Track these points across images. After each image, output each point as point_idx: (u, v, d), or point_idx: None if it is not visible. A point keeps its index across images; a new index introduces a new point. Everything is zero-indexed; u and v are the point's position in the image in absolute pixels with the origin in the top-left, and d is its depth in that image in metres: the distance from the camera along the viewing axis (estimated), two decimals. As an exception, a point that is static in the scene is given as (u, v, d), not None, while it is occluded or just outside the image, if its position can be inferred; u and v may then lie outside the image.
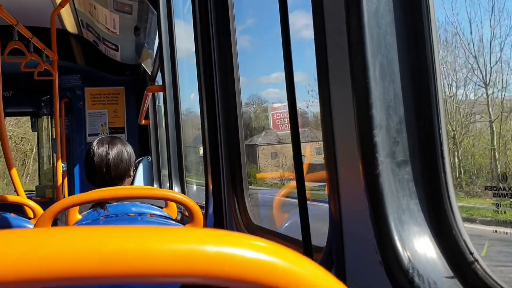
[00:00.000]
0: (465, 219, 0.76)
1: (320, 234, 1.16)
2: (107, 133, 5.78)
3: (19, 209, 2.97)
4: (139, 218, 1.92)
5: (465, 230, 0.73)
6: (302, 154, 1.13)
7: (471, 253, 0.71)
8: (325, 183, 1.55)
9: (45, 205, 2.89)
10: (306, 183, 1.12)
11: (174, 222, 1.90)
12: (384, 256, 0.75)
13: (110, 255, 0.39)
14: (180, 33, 3.51)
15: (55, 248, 0.41)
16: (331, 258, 0.94)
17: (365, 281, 0.82)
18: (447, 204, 0.76)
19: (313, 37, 1.00)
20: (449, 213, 0.76)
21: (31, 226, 2.46)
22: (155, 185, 4.62)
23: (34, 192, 6.54)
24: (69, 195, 5.42)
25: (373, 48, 0.79)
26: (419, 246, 0.74)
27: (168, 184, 3.99)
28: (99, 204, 2.05)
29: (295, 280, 0.43)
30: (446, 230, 0.75)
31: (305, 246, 1.03)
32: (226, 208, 2.03)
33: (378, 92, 0.78)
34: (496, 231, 0.79)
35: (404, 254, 0.72)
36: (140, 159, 4.86)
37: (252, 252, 0.46)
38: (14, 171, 3.71)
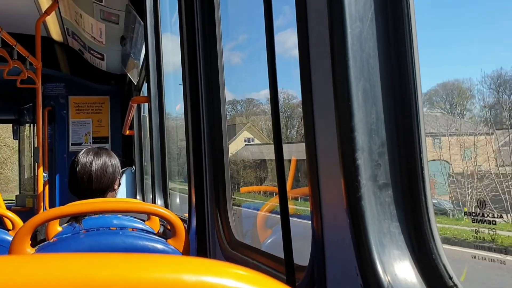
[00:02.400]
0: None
1: (303, 251, 1.16)
2: (90, 143, 5.72)
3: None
4: (120, 232, 1.89)
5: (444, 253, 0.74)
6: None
7: (451, 278, 0.71)
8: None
9: (25, 215, 2.84)
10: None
11: (156, 237, 1.88)
12: (365, 280, 0.75)
13: (97, 285, 0.38)
14: (166, 47, 3.51)
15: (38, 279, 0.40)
16: (313, 279, 0.94)
17: (346, 304, 0.81)
18: (427, 227, 0.77)
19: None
20: (429, 236, 0.76)
21: (10, 238, 2.40)
22: (138, 196, 4.58)
23: (14, 202, 6.42)
24: (50, 204, 5.33)
25: (356, 71, 0.80)
26: (399, 270, 0.74)
27: (151, 196, 3.96)
28: (75, 218, 2.01)
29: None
30: (426, 254, 0.75)
31: (287, 266, 1.02)
32: (209, 222, 2.02)
33: (360, 115, 0.78)
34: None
35: (385, 278, 0.72)
36: (123, 169, 4.81)
37: (233, 281, 0.46)
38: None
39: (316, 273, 0.92)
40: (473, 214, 0.77)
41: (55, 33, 5.34)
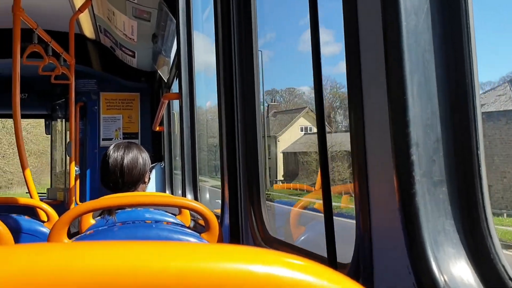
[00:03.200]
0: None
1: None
2: (120, 138, 5.81)
3: (30, 211, 2.98)
4: (154, 226, 1.91)
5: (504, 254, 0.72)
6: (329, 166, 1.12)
7: (511, 279, 0.69)
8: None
9: (56, 208, 2.90)
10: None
11: (189, 230, 1.89)
12: (418, 278, 0.73)
13: (157, 272, 0.38)
14: (198, 44, 3.53)
15: (96, 265, 0.40)
16: (357, 276, 0.93)
17: (396, 302, 0.80)
18: (484, 225, 0.74)
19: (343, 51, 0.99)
20: (486, 235, 0.74)
21: (46, 230, 2.46)
22: (167, 191, 4.63)
23: (45, 195, 6.57)
24: (80, 198, 5.44)
25: (411, 65, 0.78)
26: (455, 269, 0.72)
27: (180, 191, 3.99)
28: (109, 211, 2.04)
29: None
30: (483, 254, 0.73)
31: (330, 262, 1.01)
32: (243, 218, 2.02)
33: (415, 110, 0.77)
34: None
35: (440, 277, 0.71)
36: (153, 165, 4.87)
37: (290, 271, 0.45)
38: (28, 173, 3.73)
39: (362, 270, 0.91)
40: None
41: (88, 30, 5.44)
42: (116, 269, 0.35)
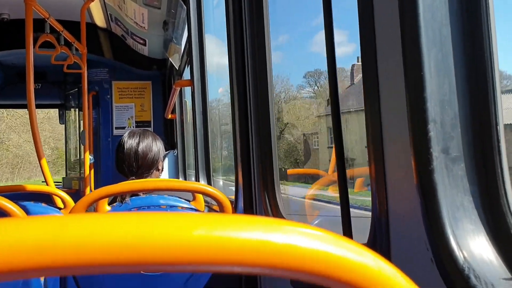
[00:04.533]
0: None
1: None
2: (133, 127, 5.84)
3: (46, 198, 3.02)
4: (168, 211, 1.92)
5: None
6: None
7: (531, 254, 0.68)
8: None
9: (72, 196, 2.94)
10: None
11: (204, 215, 1.90)
12: (436, 254, 0.73)
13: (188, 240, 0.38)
14: (208, 30, 3.51)
15: (116, 234, 0.40)
16: (375, 251, 0.92)
17: (414, 279, 0.79)
18: (504, 202, 0.74)
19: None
20: (506, 211, 0.73)
21: (63, 216, 2.49)
22: (181, 179, 4.66)
23: (60, 183, 6.66)
24: (95, 186, 5.51)
25: (427, 41, 0.77)
26: (474, 245, 0.72)
27: (193, 178, 4.01)
28: (122, 197, 2.07)
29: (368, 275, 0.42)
30: (503, 230, 0.72)
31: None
32: (257, 202, 2.03)
33: (432, 86, 0.76)
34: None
35: (459, 253, 0.70)
36: (166, 152, 4.90)
37: (309, 241, 0.45)
38: (44, 162, 3.78)
39: (379, 247, 0.91)
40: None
41: (99, 19, 5.45)
42: (141, 237, 0.36)
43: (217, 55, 3.78)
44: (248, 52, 1.99)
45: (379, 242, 0.91)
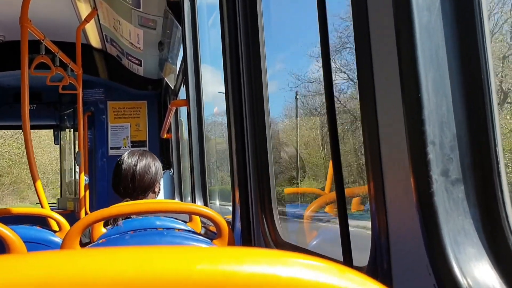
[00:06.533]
0: None
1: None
2: (129, 147, 5.82)
3: (41, 221, 2.98)
4: (165, 233, 1.90)
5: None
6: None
7: (536, 278, 0.67)
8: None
9: (67, 217, 2.90)
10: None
11: (201, 237, 1.88)
12: (439, 279, 0.72)
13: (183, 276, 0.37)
14: (204, 50, 3.53)
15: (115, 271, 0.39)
16: (376, 277, 0.91)
17: (416, 305, 0.78)
18: (504, 224, 0.73)
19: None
20: (507, 234, 0.72)
21: (58, 239, 2.46)
22: (177, 199, 4.62)
23: (55, 204, 6.60)
24: (90, 207, 5.46)
25: (425, 62, 0.76)
26: (477, 271, 0.70)
27: (189, 198, 3.98)
28: (114, 219, 2.05)
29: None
30: (505, 253, 0.71)
31: (346, 265, 0.99)
32: (254, 223, 2.01)
33: (431, 107, 0.75)
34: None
35: (463, 280, 0.69)
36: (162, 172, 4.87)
37: (313, 273, 0.44)
38: (39, 183, 3.74)
39: (380, 272, 0.89)
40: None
41: (94, 40, 5.48)
42: (138, 275, 0.34)
43: (217, 82, 3.80)
44: (244, 76, 2.00)
45: (379, 264, 0.89)
